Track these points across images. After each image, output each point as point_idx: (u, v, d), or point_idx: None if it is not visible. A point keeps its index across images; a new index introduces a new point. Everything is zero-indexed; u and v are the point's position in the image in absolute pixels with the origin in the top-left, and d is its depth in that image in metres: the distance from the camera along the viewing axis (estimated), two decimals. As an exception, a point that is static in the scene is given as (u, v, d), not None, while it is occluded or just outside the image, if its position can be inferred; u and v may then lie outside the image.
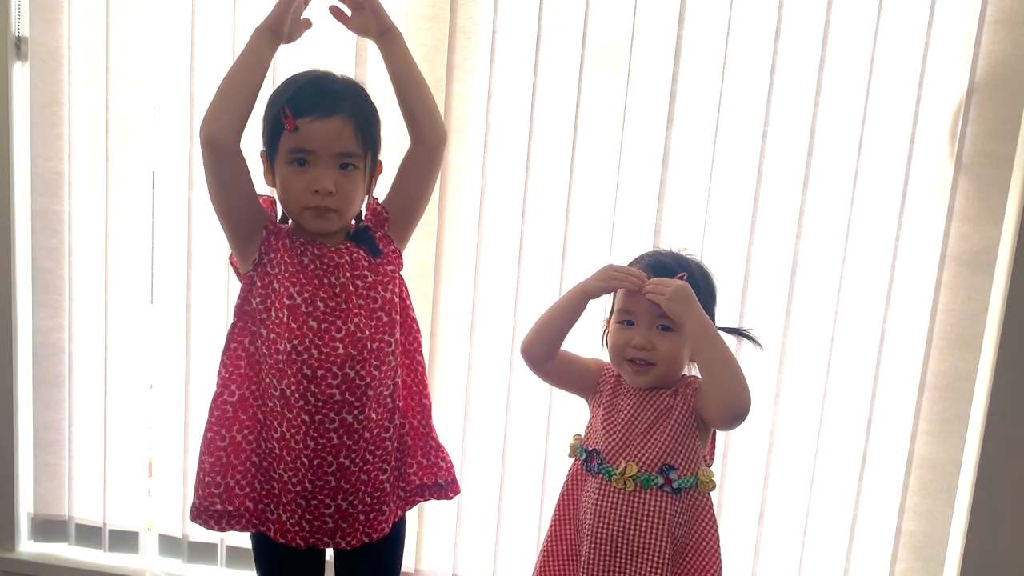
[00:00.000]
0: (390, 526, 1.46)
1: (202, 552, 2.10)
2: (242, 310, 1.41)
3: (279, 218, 1.46)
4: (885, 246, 1.78)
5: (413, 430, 1.48)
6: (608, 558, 1.36)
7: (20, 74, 1.99)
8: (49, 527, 2.16)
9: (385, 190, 1.48)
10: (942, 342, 1.79)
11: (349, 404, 1.36)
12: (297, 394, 1.35)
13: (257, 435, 1.41)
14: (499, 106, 1.84)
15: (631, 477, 1.36)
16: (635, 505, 1.35)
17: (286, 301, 1.35)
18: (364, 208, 1.47)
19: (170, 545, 2.13)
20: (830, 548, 1.89)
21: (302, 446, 1.36)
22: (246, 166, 1.36)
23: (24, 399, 2.10)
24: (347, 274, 1.37)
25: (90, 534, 2.15)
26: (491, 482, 1.96)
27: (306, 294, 1.35)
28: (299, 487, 1.38)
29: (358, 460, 1.39)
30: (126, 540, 2.14)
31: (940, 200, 1.76)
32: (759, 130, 1.77)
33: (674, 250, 1.46)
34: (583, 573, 1.38)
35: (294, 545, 1.41)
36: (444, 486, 1.53)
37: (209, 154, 1.33)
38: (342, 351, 1.35)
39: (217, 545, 2.09)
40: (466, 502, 1.96)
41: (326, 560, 1.53)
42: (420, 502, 1.53)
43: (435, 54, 1.84)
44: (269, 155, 1.38)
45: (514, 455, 1.94)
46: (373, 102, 1.40)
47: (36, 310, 2.07)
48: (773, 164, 1.78)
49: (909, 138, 1.74)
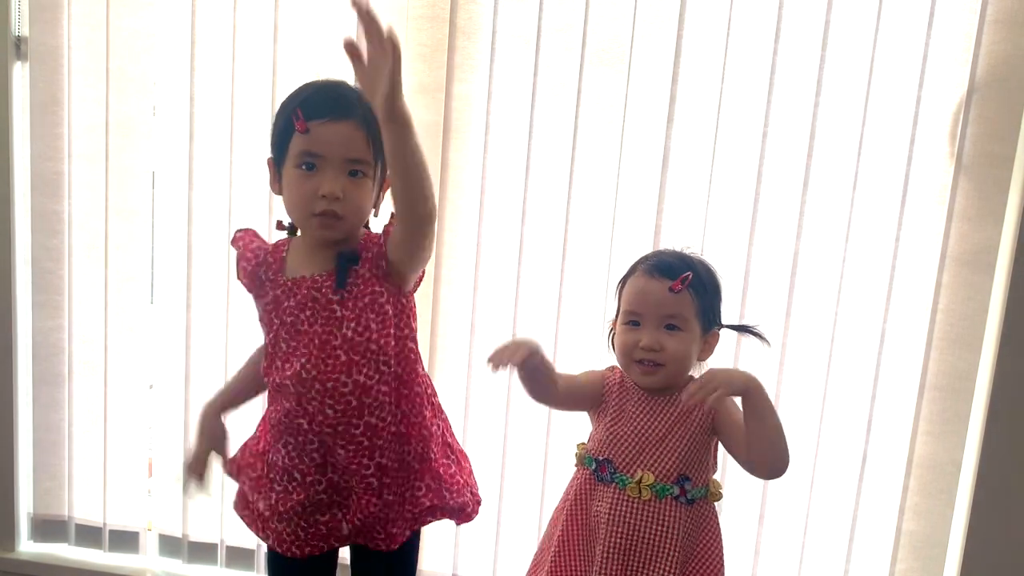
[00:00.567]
0: (396, 543, 1.42)
1: (202, 552, 2.10)
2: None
3: (289, 227, 1.42)
4: (885, 246, 1.78)
5: (417, 457, 1.43)
6: (621, 567, 1.35)
7: (20, 74, 1.99)
8: (49, 527, 2.16)
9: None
10: (942, 342, 1.79)
11: (320, 441, 1.36)
12: (281, 426, 1.38)
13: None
14: (499, 106, 1.84)
15: (648, 486, 1.34)
16: (650, 514, 1.34)
17: (269, 349, 1.38)
18: (369, 221, 1.42)
19: (170, 545, 2.13)
20: (830, 548, 1.89)
21: (290, 464, 1.40)
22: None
23: (24, 399, 2.10)
24: (309, 311, 1.33)
25: (90, 534, 2.15)
26: (491, 482, 1.96)
27: (271, 335, 1.37)
28: (296, 496, 1.40)
29: (344, 487, 1.39)
30: (126, 540, 2.15)
31: (940, 200, 1.76)
32: (759, 130, 1.77)
33: (678, 249, 1.44)
34: None
35: (291, 554, 1.41)
36: (455, 509, 1.47)
37: None
38: (292, 389, 1.34)
39: (217, 545, 2.09)
40: (466, 502, 1.96)
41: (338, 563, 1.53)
42: (432, 521, 1.47)
43: (435, 54, 1.84)
44: (277, 161, 1.35)
45: (514, 455, 1.94)
46: None
47: (36, 310, 2.07)
48: (773, 164, 1.78)
49: (909, 138, 1.74)
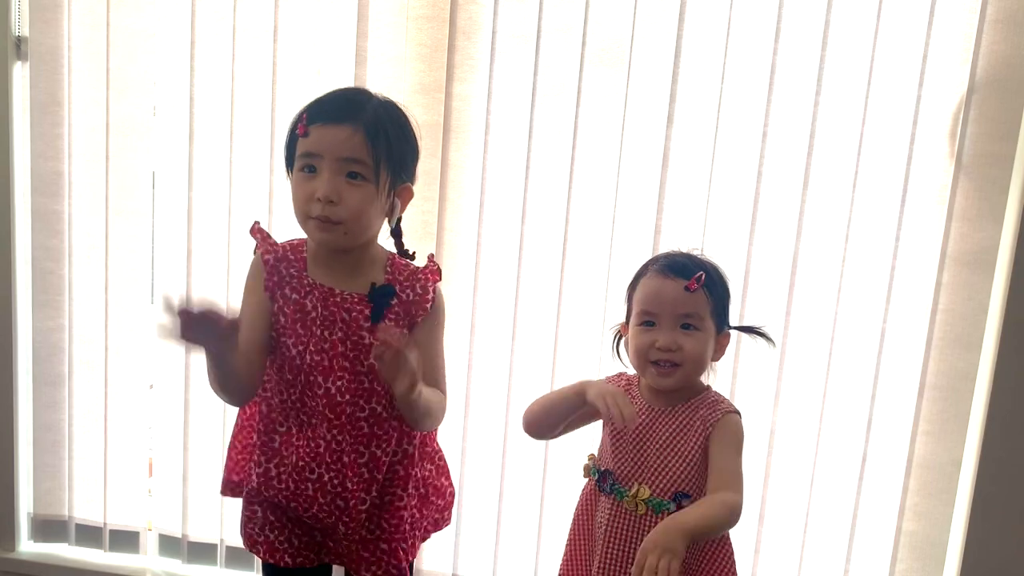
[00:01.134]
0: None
1: (202, 552, 2.10)
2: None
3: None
4: (885, 246, 1.78)
5: (397, 497, 1.42)
6: None
7: (20, 74, 1.99)
8: (49, 527, 2.16)
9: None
10: (942, 342, 1.79)
11: (327, 464, 1.34)
12: (285, 437, 1.36)
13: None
14: (499, 106, 1.84)
15: (643, 500, 1.34)
16: (645, 529, 1.32)
17: (285, 352, 1.34)
18: (412, 250, 1.44)
19: (170, 545, 2.12)
20: (830, 548, 1.89)
21: (282, 487, 1.37)
22: (265, 363, 1.36)
23: (24, 399, 2.10)
24: (340, 331, 1.32)
25: (90, 534, 2.15)
26: (491, 482, 1.96)
27: (300, 347, 1.33)
28: (284, 511, 1.40)
29: (329, 523, 1.37)
30: (126, 540, 2.14)
31: (940, 200, 1.76)
32: (759, 130, 1.77)
33: (685, 250, 1.43)
34: None
35: (282, 565, 1.42)
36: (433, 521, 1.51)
37: None
38: (320, 409, 1.33)
39: (217, 545, 2.09)
40: (466, 502, 1.96)
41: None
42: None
43: (435, 54, 1.84)
44: (288, 166, 1.36)
45: (514, 455, 1.94)
46: (405, 125, 1.35)
47: (36, 310, 2.07)
48: (773, 164, 1.78)
49: (909, 138, 1.73)
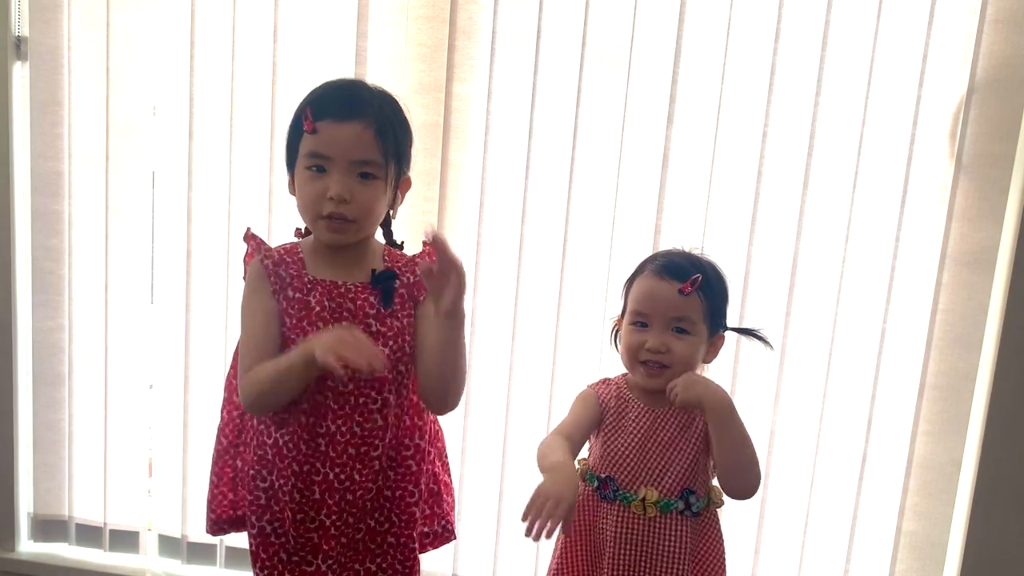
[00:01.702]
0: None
1: (202, 552, 2.10)
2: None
3: (304, 230, 1.40)
4: (885, 246, 1.78)
5: (416, 500, 1.42)
6: None
7: (20, 74, 1.99)
8: (49, 527, 2.16)
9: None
10: (942, 342, 1.79)
11: (331, 460, 1.32)
12: (291, 443, 1.32)
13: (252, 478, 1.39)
14: (499, 106, 1.84)
15: (653, 503, 1.34)
16: (657, 531, 1.34)
17: (287, 347, 1.31)
18: (401, 240, 1.43)
19: (170, 545, 2.12)
20: (830, 548, 1.89)
21: (287, 499, 1.34)
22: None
23: (24, 399, 2.10)
24: (346, 321, 1.31)
25: (90, 534, 2.15)
26: (491, 482, 1.96)
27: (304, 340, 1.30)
28: (281, 539, 1.37)
29: (338, 522, 1.35)
30: (126, 540, 2.14)
31: (940, 200, 1.76)
32: (759, 130, 1.77)
33: (686, 250, 1.43)
34: None
35: None
36: (430, 534, 1.48)
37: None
38: (330, 401, 1.31)
39: (216, 545, 2.09)
40: (466, 502, 1.96)
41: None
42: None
43: (435, 54, 1.84)
44: (289, 160, 1.34)
45: (514, 455, 1.94)
46: (404, 116, 1.34)
47: (36, 310, 2.07)
48: (773, 164, 1.78)
49: (909, 138, 1.74)
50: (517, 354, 1.91)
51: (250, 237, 1.37)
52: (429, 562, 1.98)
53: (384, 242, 1.43)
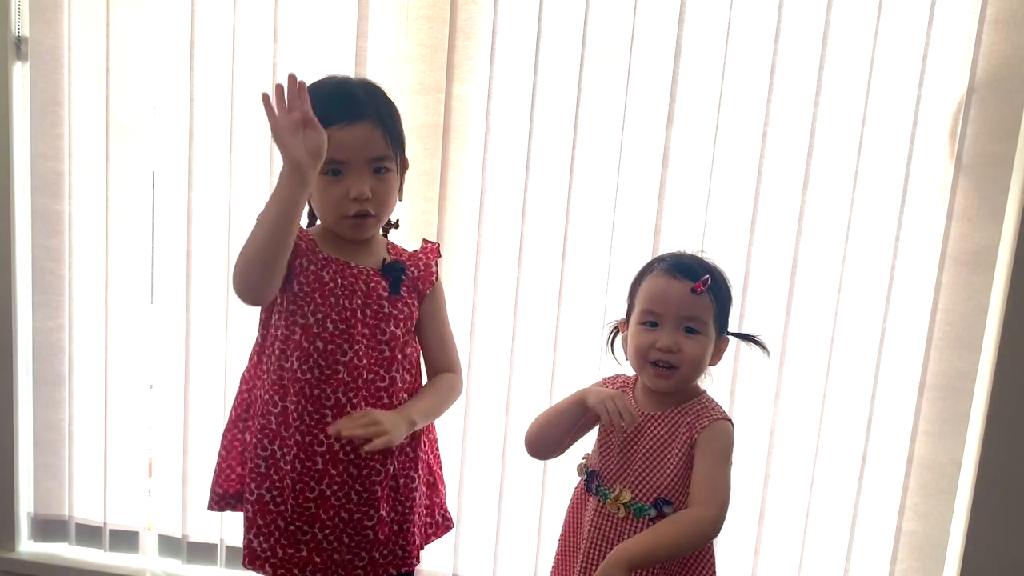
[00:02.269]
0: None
1: (202, 552, 2.10)
2: (265, 324, 1.41)
3: (306, 223, 1.45)
4: (885, 246, 1.78)
5: (415, 485, 1.45)
6: None
7: (20, 74, 1.99)
8: (49, 527, 2.16)
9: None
10: (942, 342, 1.79)
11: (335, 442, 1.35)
12: (295, 412, 1.35)
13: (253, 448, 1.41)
14: (499, 106, 1.84)
15: (624, 504, 1.33)
16: (625, 532, 1.33)
17: (299, 320, 1.35)
18: (395, 219, 1.47)
19: (170, 545, 2.12)
20: (830, 548, 1.89)
21: (288, 468, 1.36)
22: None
23: (24, 399, 2.10)
24: (359, 300, 1.36)
25: (90, 534, 2.15)
26: (491, 482, 1.96)
27: (319, 314, 1.35)
28: (280, 507, 1.38)
29: (340, 495, 1.37)
30: (126, 540, 2.14)
31: (940, 200, 1.76)
32: (759, 130, 1.77)
33: (694, 253, 1.42)
34: None
35: (263, 572, 1.41)
36: (432, 524, 1.52)
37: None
38: (341, 375, 1.35)
39: (217, 545, 2.09)
40: (466, 502, 1.96)
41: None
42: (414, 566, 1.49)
43: (435, 54, 1.84)
44: None
45: (514, 455, 1.94)
46: (392, 101, 1.41)
47: (36, 310, 2.07)
48: (773, 164, 1.78)
49: (909, 138, 1.73)
50: (517, 354, 1.91)
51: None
52: (429, 562, 1.98)
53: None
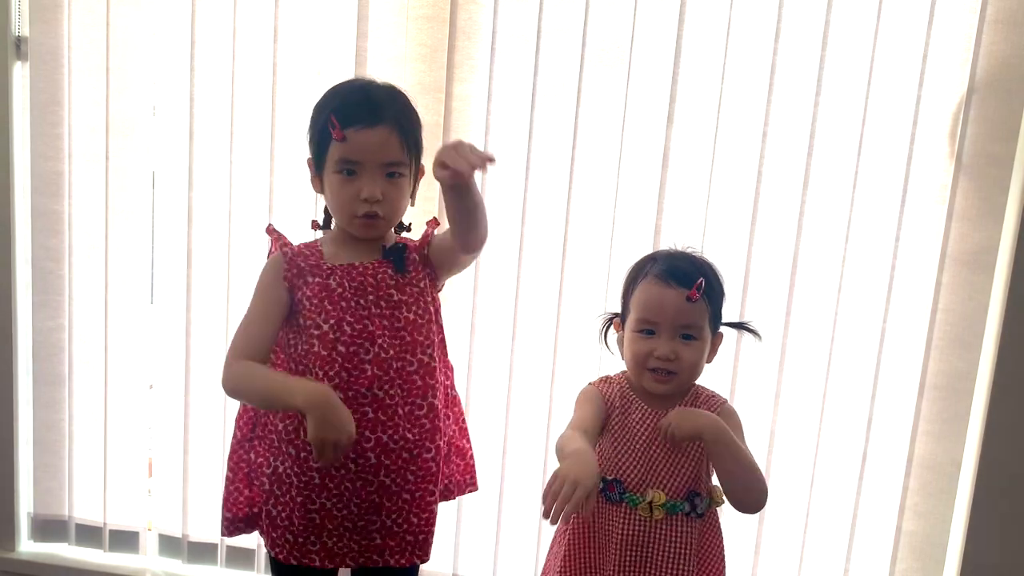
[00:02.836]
0: (427, 557, 1.45)
1: (202, 552, 2.10)
2: (281, 343, 1.43)
3: (323, 222, 1.49)
4: (885, 246, 1.78)
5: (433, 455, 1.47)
6: None
7: (20, 74, 1.99)
8: (49, 527, 2.16)
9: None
10: (942, 342, 1.79)
11: (383, 424, 1.37)
12: (294, 429, 1.36)
13: (293, 465, 1.41)
14: (499, 106, 1.84)
15: (660, 506, 1.34)
16: (663, 532, 1.34)
17: (314, 332, 1.36)
18: (408, 222, 1.49)
19: (170, 545, 2.13)
20: (830, 548, 1.89)
21: (344, 471, 1.37)
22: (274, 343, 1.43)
23: (24, 399, 2.10)
24: (371, 295, 1.39)
25: (90, 534, 2.15)
26: (491, 482, 1.95)
27: (332, 321, 1.36)
28: (345, 511, 1.39)
29: (399, 480, 1.39)
30: (126, 540, 2.14)
31: (940, 200, 1.76)
32: (759, 130, 1.77)
33: (682, 249, 1.42)
34: None
35: (344, 566, 1.42)
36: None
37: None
38: (370, 372, 1.36)
39: (217, 545, 2.09)
40: (466, 502, 1.96)
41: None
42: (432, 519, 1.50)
43: (435, 54, 1.84)
44: (317, 164, 1.41)
45: (514, 455, 1.94)
46: (414, 108, 1.42)
47: (36, 310, 2.07)
48: (773, 164, 1.78)
49: (909, 138, 1.73)
50: (517, 354, 1.91)
51: (272, 230, 1.46)
52: (430, 562, 1.98)
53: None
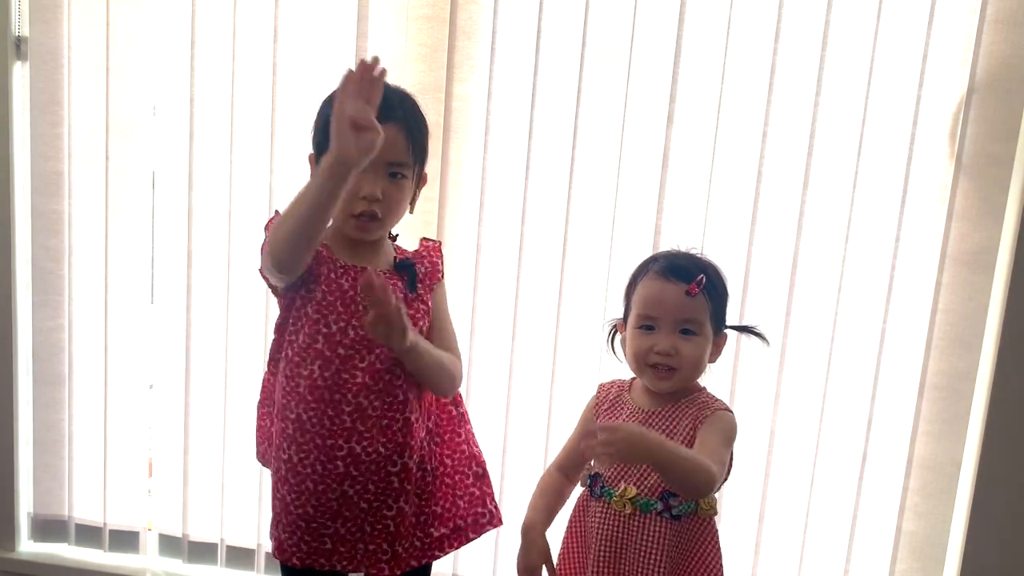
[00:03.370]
0: (396, 571, 1.42)
1: (202, 552, 2.10)
2: (281, 328, 1.41)
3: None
4: (885, 246, 1.78)
5: (441, 477, 1.47)
6: None
7: (20, 74, 1.99)
8: (49, 527, 2.16)
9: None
10: (942, 342, 1.79)
11: (359, 434, 1.36)
12: (315, 419, 1.35)
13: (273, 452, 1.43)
14: (499, 106, 1.84)
15: (630, 499, 1.33)
16: (634, 529, 1.33)
17: (322, 328, 1.35)
18: (396, 233, 1.48)
19: (170, 545, 2.13)
20: (830, 548, 1.89)
21: (309, 471, 1.37)
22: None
23: (24, 399, 2.10)
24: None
25: (90, 534, 2.15)
26: (492, 483, 1.95)
27: (341, 323, 1.35)
28: (300, 510, 1.38)
29: (360, 490, 1.38)
30: (126, 540, 2.14)
31: (940, 200, 1.76)
32: (759, 130, 1.77)
33: (688, 250, 1.42)
34: None
35: (290, 564, 1.41)
36: (468, 527, 1.53)
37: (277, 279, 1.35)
38: (360, 380, 1.35)
39: (217, 545, 2.09)
40: (466, 502, 1.96)
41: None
42: (440, 556, 1.50)
43: (435, 54, 1.84)
44: (319, 159, 1.35)
45: (514, 455, 1.94)
46: (423, 114, 1.40)
47: (36, 310, 2.07)
48: (773, 164, 1.78)
49: (909, 138, 1.73)
50: (517, 354, 1.91)
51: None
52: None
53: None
